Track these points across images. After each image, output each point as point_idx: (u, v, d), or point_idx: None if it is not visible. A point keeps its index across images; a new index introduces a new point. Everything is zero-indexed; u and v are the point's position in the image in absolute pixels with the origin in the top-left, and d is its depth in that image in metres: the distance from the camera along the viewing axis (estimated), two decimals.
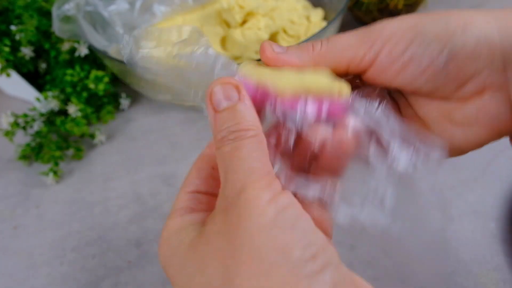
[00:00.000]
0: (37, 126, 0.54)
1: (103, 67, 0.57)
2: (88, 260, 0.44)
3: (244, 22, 0.53)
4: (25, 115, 0.52)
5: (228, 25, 0.54)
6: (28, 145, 0.53)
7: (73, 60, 0.56)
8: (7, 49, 0.52)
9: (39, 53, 0.58)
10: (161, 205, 0.48)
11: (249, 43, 0.51)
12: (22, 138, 0.54)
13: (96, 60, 0.58)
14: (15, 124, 0.51)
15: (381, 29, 0.22)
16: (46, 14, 0.55)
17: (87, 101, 0.55)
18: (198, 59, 0.22)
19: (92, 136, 0.55)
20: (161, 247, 0.21)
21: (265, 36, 0.52)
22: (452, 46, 0.21)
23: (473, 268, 0.39)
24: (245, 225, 0.16)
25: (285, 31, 0.55)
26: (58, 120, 0.52)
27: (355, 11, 0.62)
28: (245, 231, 0.16)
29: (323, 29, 0.47)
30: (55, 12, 0.49)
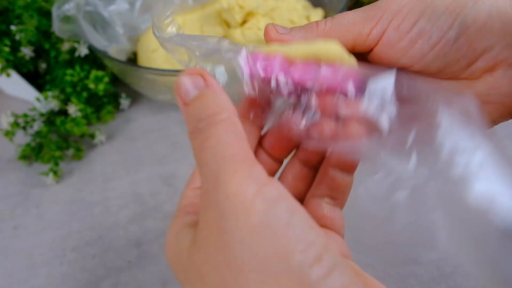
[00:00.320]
0: (37, 126, 0.54)
1: (103, 67, 0.57)
2: (88, 260, 0.44)
3: (244, 22, 0.53)
4: (25, 115, 0.52)
5: (228, 25, 0.54)
6: (28, 145, 0.53)
7: (73, 60, 0.56)
8: (7, 49, 0.52)
9: (39, 53, 0.58)
10: (161, 205, 0.48)
11: (249, 43, 0.51)
12: (22, 138, 0.54)
13: (96, 60, 0.58)
14: (15, 124, 0.51)
15: (388, 3, 0.21)
16: (46, 14, 0.55)
17: (87, 101, 0.55)
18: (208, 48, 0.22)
19: (92, 136, 0.55)
20: (166, 249, 0.19)
21: None
22: (463, 19, 0.20)
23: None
24: (231, 227, 0.14)
25: None
26: (58, 120, 0.52)
27: None
28: (233, 235, 0.14)
29: None
30: (55, 12, 0.49)
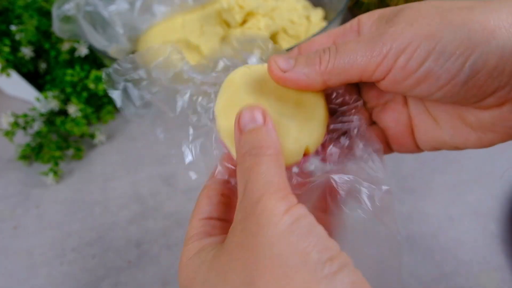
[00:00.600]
0: (37, 126, 0.53)
1: (103, 67, 0.57)
2: (88, 260, 0.44)
3: (244, 22, 0.53)
4: (25, 115, 0.52)
5: (228, 25, 0.54)
6: (28, 145, 0.53)
7: (73, 60, 0.56)
8: (7, 49, 0.52)
9: (39, 53, 0.58)
10: (161, 205, 0.48)
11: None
12: (22, 138, 0.54)
13: (96, 60, 0.58)
14: (15, 124, 0.51)
15: (394, 38, 0.20)
16: (46, 14, 0.55)
17: (87, 101, 0.55)
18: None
19: (92, 136, 0.55)
20: (182, 270, 0.21)
21: (265, 36, 0.52)
22: (473, 63, 0.19)
23: (473, 268, 0.39)
24: (263, 232, 0.17)
25: (285, 31, 0.55)
26: (58, 120, 0.52)
27: (355, 11, 0.62)
28: (264, 238, 0.17)
29: (323, 29, 0.47)
30: (55, 12, 0.49)
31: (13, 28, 0.54)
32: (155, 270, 0.42)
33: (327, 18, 0.58)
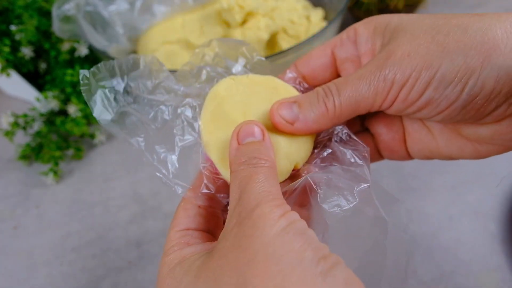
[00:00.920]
0: (37, 126, 0.53)
1: None
2: (88, 260, 0.44)
3: (244, 22, 0.53)
4: (25, 115, 0.52)
5: (228, 25, 0.54)
6: (28, 145, 0.53)
7: (73, 60, 0.56)
8: (7, 49, 0.52)
9: (39, 53, 0.58)
10: (161, 205, 0.48)
11: (249, 43, 0.51)
12: (22, 138, 0.54)
13: (96, 60, 0.58)
14: (15, 124, 0.51)
15: (394, 71, 0.20)
16: (46, 14, 0.55)
17: None
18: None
19: (92, 136, 0.55)
20: (162, 282, 0.20)
21: (265, 36, 0.52)
22: (471, 88, 0.19)
23: (473, 268, 0.39)
24: (259, 234, 0.18)
25: (285, 31, 0.55)
26: (58, 120, 0.52)
27: (355, 11, 0.62)
28: (259, 239, 0.17)
29: (323, 29, 0.47)
30: (55, 12, 0.49)
31: (13, 28, 0.54)
32: (155, 270, 0.42)
33: (327, 18, 0.58)
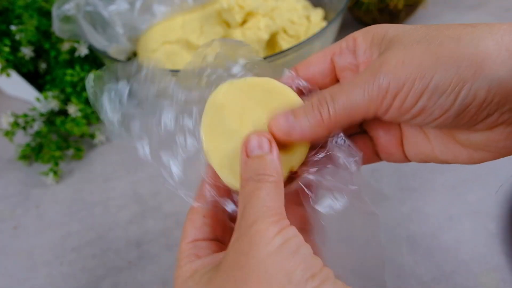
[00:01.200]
0: (37, 126, 0.54)
1: (103, 67, 0.57)
2: (88, 260, 0.44)
3: (244, 22, 0.53)
4: (25, 115, 0.52)
5: (228, 25, 0.54)
6: (28, 145, 0.53)
7: (73, 60, 0.56)
8: (7, 49, 0.52)
9: (39, 53, 0.58)
10: (161, 205, 0.48)
11: (249, 43, 0.51)
12: (22, 138, 0.54)
13: (96, 60, 0.58)
14: (15, 124, 0.51)
15: (388, 79, 0.21)
16: (46, 14, 0.55)
17: (87, 101, 0.55)
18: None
19: (92, 136, 0.55)
20: None
21: (265, 36, 0.52)
22: (463, 98, 0.20)
23: (473, 268, 0.39)
24: (254, 252, 0.19)
25: (285, 31, 0.55)
26: (58, 120, 0.52)
27: (355, 11, 0.62)
28: (254, 258, 0.19)
29: (323, 29, 0.47)
30: (55, 12, 0.49)
31: (13, 28, 0.54)
32: (155, 270, 0.42)
33: (327, 18, 0.58)
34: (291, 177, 0.25)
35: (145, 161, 0.25)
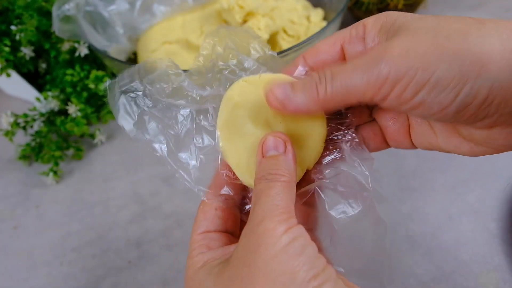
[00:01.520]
0: (37, 126, 0.54)
1: (103, 67, 0.57)
2: (88, 260, 0.44)
3: (244, 22, 0.53)
4: (25, 115, 0.52)
5: (228, 25, 0.54)
6: (28, 145, 0.53)
7: (73, 60, 0.56)
8: (7, 49, 0.52)
9: (39, 53, 0.58)
10: (161, 205, 0.48)
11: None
12: (22, 138, 0.54)
13: (96, 60, 0.58)
14: (15, 124, 0.51)
15: (389, 67, 0.20)
16: (46, 14, 0.55)
17: (87, 101, 0.55)
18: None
19: (92, 136, 0.55)
20: (188, 282, 0.23)
21: (265, 36, 0.52)
22: (464, 97, 0.19)
23: (473, 268, 0.39)
24: (261, 251, 0.19)
25: (285, 31, 0.55)
26: (58, 120, 0.52)
27: (355, 11, 0.62)
28: (260, 256, 0.19)
29: (323, 29, 0.47)
30: (55, 12, 0.49)
31: (13, 28, 0.54)
32: (155, 270, 0.42)
33: (327, 18, 0.58)
34: (304, 177, 0.26)
35: (162, 160, 0.26)
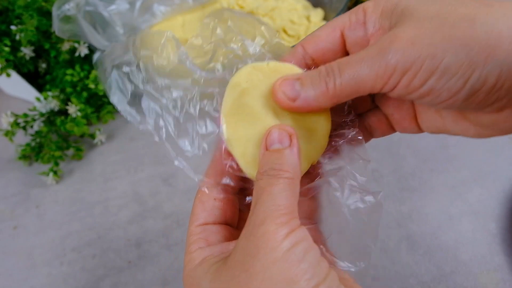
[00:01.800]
0: (37, 126, 0.53)
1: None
2: (88, 260, 0.44)
3: None
4: (25, 115, 0.52)
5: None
6: (28, 145, 0.53)
7: (73, 60, 0.56)
8: (7, 49, 0.52)
9: (39, 53, 0.58)
10: (161, 205, 0.48)
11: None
12: (22, 138, 0.54)
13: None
14: (15, 124, 0.51)
15: (397, 56, 0.20)
16: (46, 14, 0.55)
17: (87, 101, 0.55)
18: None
19: (92, 136, 0.55)
20: (186, 279, 0.23)
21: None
22: (473, 83, 0.19)
23: (473, 268, 0.39)
24: (260, 256, 0.18)
25: (285, 31, 0.55)
26: (58, 120, 0.52)
27: None
28: (260, 262, 0.18)
29: None
30: (55, 12, 0.49)
31: (13, 28, 0.54)
32: (155, 270, 0.42)
33: (327, 18, 0.58)
34: (309, 171, 0.25)
35: (161, 160, 0.24)
